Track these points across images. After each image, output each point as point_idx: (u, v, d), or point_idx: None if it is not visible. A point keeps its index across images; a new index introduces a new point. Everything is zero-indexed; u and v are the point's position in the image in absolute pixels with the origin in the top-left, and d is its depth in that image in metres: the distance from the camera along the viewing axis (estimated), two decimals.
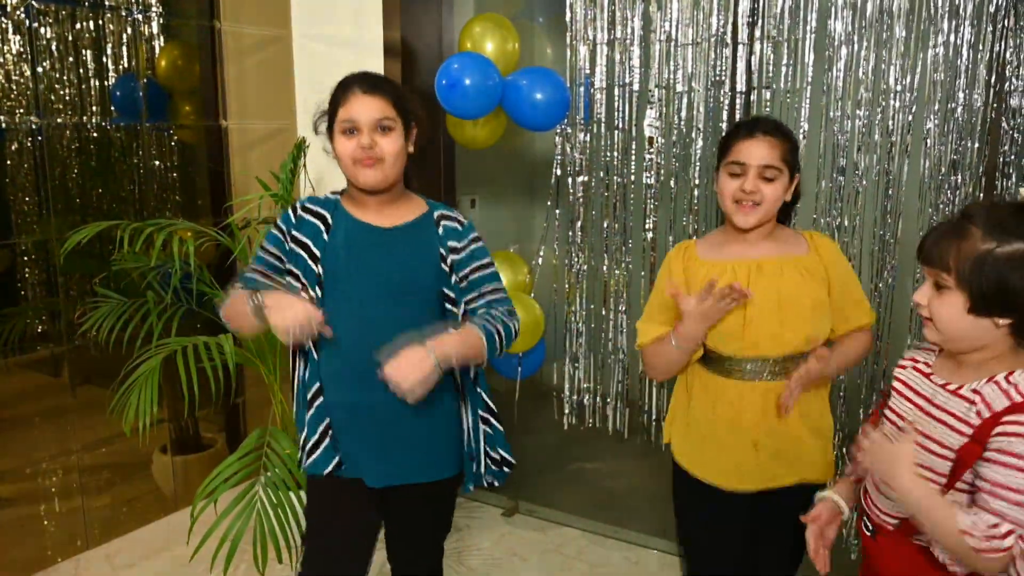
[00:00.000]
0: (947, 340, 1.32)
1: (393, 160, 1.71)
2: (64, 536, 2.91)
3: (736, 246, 1.76)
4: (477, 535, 3.12)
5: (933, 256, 1.30)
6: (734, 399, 1.74)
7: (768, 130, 1.68)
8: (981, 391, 1.28)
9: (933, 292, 1.31)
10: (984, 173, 2.33)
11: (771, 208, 1.69)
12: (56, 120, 3.05)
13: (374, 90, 1.70)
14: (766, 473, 1.75)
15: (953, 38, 2.30)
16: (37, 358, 2.98)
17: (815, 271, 1.71)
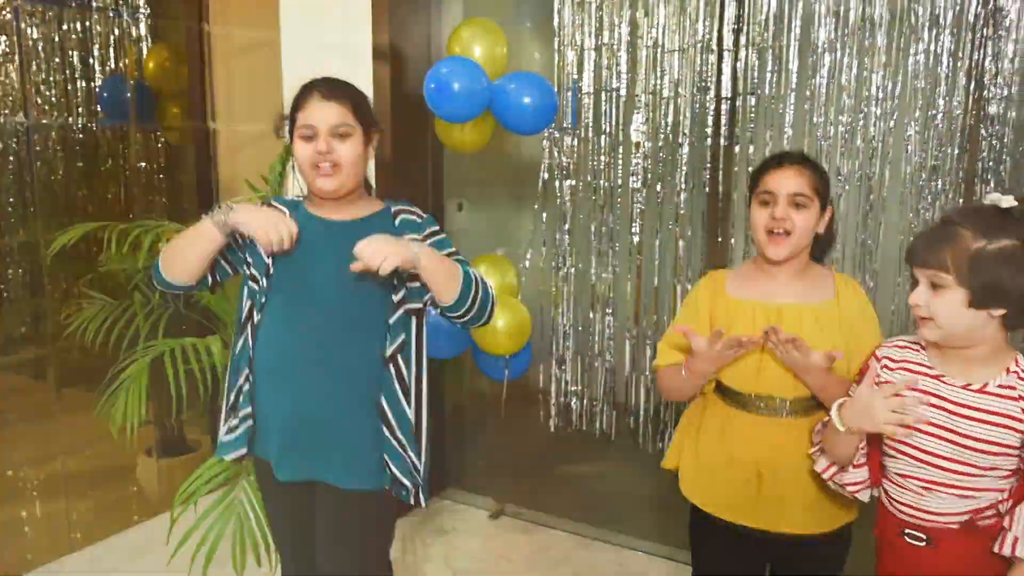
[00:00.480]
0: (948, 336, 1.41)
1: (350, 167, 1.72)
2: (47, 539, 2.89)
3: (764, 282, 1.75)
4: (463, 537, 3.13)
5: (930, 258, 1.39)
6: (743, 429, 1.73)
7: (796, 160, 1.70)
8: (1011, 385, 1.40)
9: (930, 292, 1.40)
10: (963, 178, 2.37)
11: (801, 239, 1.69)
12: (42, 121, 3.04)
13: (333, 96, 1.71)
14: (769, 511, 1.73)
15: (933, 46, 2.34)
16: (21, 360, 2.97)
17: (831, 320, 1.68)
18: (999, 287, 1.35)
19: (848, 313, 1.70)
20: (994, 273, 1.34)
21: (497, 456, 3.73)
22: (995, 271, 1.34)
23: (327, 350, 1.72)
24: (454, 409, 3.70)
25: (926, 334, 1.44)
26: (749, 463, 1.73)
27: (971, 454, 1.41)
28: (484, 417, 3.80)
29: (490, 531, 3.19)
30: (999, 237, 1.34)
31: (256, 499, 2.43)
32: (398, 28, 3.00)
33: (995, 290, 1.35)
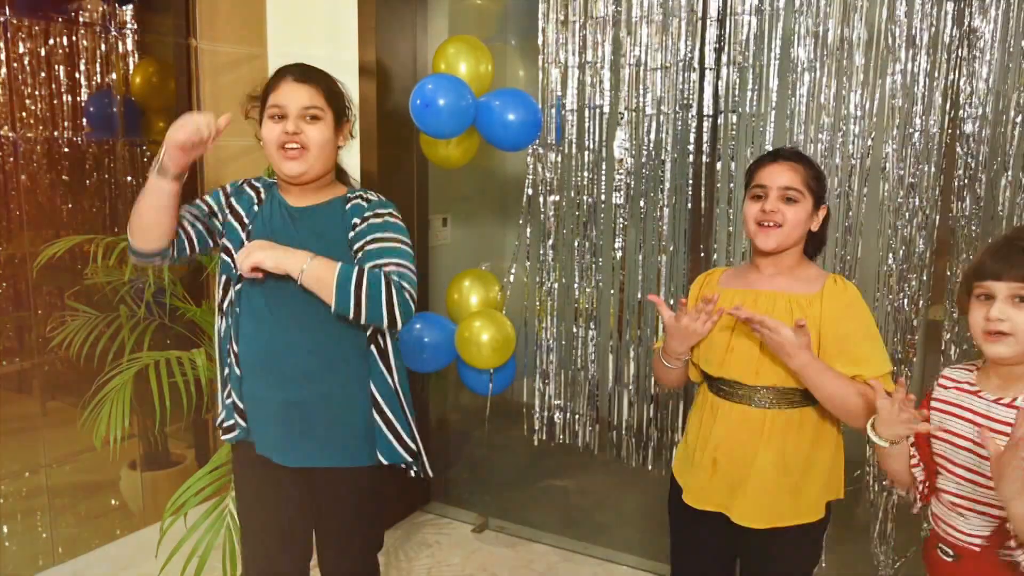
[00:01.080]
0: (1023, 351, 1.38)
1: (318, 150, 1.72)
2: (30, 552, 2.87)
3: (753, 277, 1.79)
4: (447, 551, 3.13)
5: (1005, 271, 1.36)
6: (714, 413, 1.78)
7: (789, 156, 1.74)
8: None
9: (1013, 306, 1.37)
10: (940, 196, 2.42)
11: (792, 232, 1.71)
12: (28, 134, 3.04)
13: (305, 79, 1.73)
14: (719, 496, 1.76)
15: (910, 66, 2.39)
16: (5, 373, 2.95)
17: (808, 311, 1.69)
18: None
19: (831, 308, 1.69)
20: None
21: (481, 470, 3.74)
22: None
23: (305, 336, 1.73)
24: (438, 423, 3.70)
25: (1001, 351, 1.39)
26: (709, 447, 1.77)
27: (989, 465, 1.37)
28: (468, 431, 3.82)
29: (474, 545, 3.19)
30: None
31: None
32: (384, 45, 3.03)
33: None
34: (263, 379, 1.77)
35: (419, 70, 3.18)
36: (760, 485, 1.71)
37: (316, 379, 1.75)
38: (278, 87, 1.73)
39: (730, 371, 1.74)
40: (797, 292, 1.73)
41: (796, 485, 1.72)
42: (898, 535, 2.60)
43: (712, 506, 1.78)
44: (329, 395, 1.76)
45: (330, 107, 1.75)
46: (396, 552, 3.09)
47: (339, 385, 1.77)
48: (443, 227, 3.82)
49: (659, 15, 2.69)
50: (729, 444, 1.74)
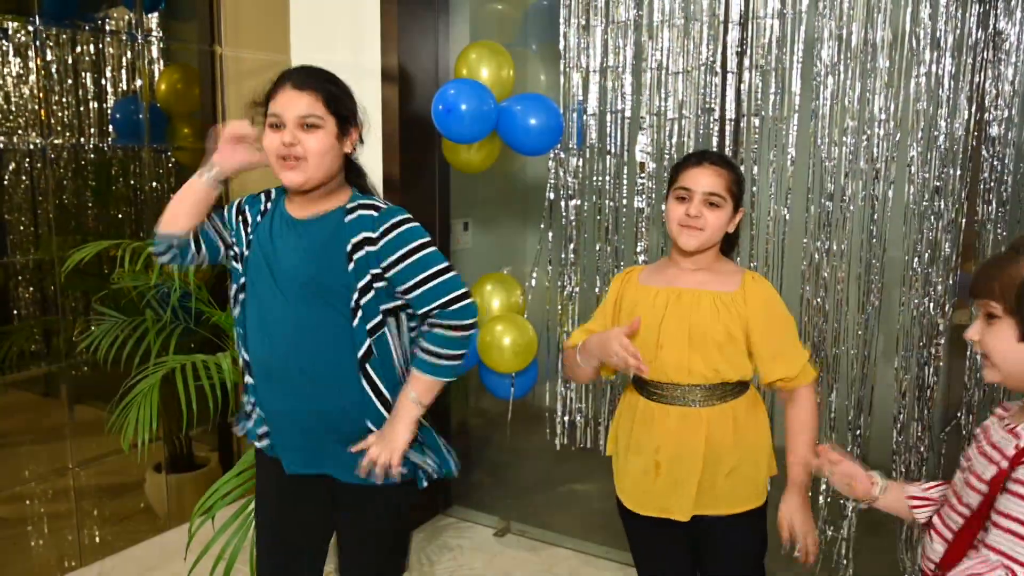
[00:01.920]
0: (1006, 376, 1.27)
1: (317, 160, 1.65)
2: (56, 554, 2.91)
3: (672, 273, 1.83)
4: (469, 555, 3.14)
5: (982, 286, 1.26)
6: (648, 418, 1.79)
7: (715, 161, 1.77)
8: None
9: (984, 326, 1.27)
10: (966, 199, 2.40)
11: (713, 235, 1.75)
12: (56, 141, 3.09)
13: (304, 86, 1.65)
14: (662, 499, 1.78)
15: (935, 69, 2.38)
16: (32, 377, 3.00)
17: (732, 309, 1.73)
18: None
19: (753, 305, 1.74)
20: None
21: (503, 474, 3.75)
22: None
23: (295, 351, 1.69)
24: (460, 427, 3.72)
25: (986, 375, 1.29)
26: (649, 451, 1.78)
27: (969, 491, 1.30)
28: (490, 435, 3.83)
29: (496, 548, 3.19)
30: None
31: None
32: (407, 50, 3.05)
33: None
34: (273, 387, 1.75)
35: (441, 75, 3.19)
36: (707, 480, 1.75)
37: (327, 391, 1.72)
38: (277, 95, 1.66)
39: (664, 372, 1.75)
40: (718, 289, 1.76)
41: (738, 473, 1.77)
42: None
43: (654, 511, 1.79)
44: (342, 409, 1.73)
45: (331, 114, 1.66)
46: (418, 555, 3.10)
47: (333, 400, 1.73)
48: (464, 231, 3.83)
49: (680, 19, 2.69)
50: (672, 446, 1.76)
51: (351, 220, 1.68)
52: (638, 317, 1.75)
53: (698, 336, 1.73)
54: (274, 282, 1.70)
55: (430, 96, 2.80)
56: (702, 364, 1.73)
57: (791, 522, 1.75)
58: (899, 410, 2.56)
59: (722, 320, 1.73)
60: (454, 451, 1.92)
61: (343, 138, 1.70)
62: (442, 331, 1.69)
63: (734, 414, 1.77)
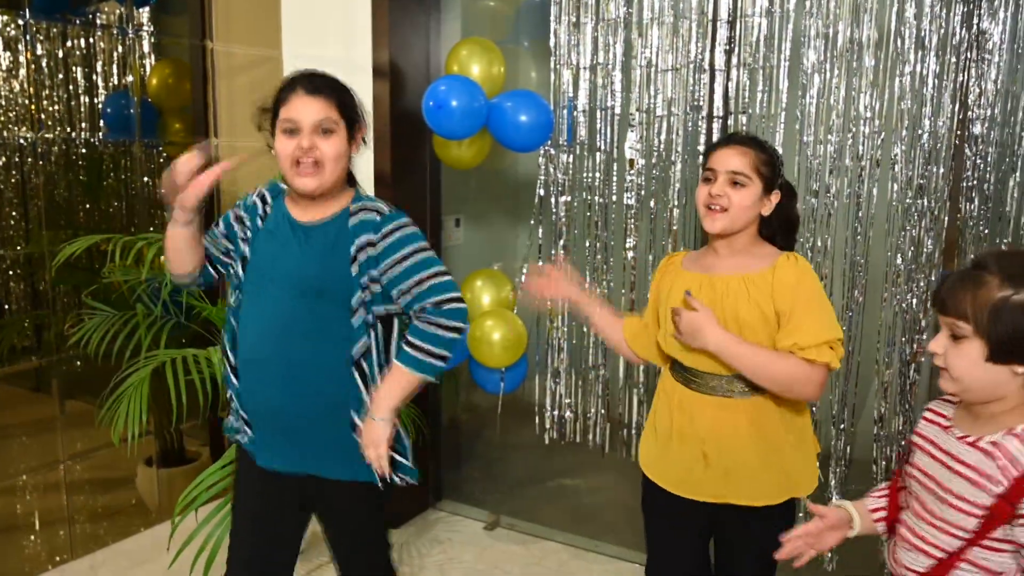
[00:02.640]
0: (964, 390, 1.31)
1: (333, 164, 1.70)
2: (48, 548, 2.92)
3: (710, 260, 1.83)
4: (459, 548, 3.16)
5: (949, 305, 1.28)
6: (688, 407, 1.80)
7: (742, 141, 1.76)
8: (1002, 444, 1.27)
9: (949, 342, 1.29)
10: (949, 197, 2.43)
11: (738, 216, 1.73)
12: (46, 136, 3.09)
13: (317, 92, 1.69)
14: (714, 487, 1.78)
15: (919, 68, 2.41)
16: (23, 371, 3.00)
17: (762, 287, 1.72)
18: (1022, 341, 1.23)
19: (781, 278, 1.70)
20: (1016, 325, 1.22)
21: (494, 468, 3.77)
22: (1018, 324, 1.22)
23: (293, 351, 1.72)
24: (451, 422, 3.73)
25: (943, 385, 1.33)
26: (694, 441, 1.78)
27: (945, 508, 1.33)
28: (481, 430, 3.85)
29: (485, 542, 3.22)
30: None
31: None
32: (398, 46, 3.06)
33: (1017, 345, 1.23)
34: (264, 386, 1.76)
35: (432, 72, 3.21)
36: (752, 469, 1.75)
37: (320, 388, 1.74)
38: (289, 100, 1.70)
39: (702, 361, 1.75)
40: (751, 272, 1.75)
41: (786, 460, 1.77)
42: None
43: (710, 497, 1.80)
44: (309, 407, 1.75)
45: (343, 118, 1.72)
46: (408, 548, 3.13)
47: (319, 399, 1.75)
48: (456, 228, 3.85)
49: (670, 17, 2.71)
50: (716, 437, 1.76)
51: (354, 223, 1.72)
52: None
53: (731, 321, 1.72)
54: (274, 283, 1.74)
55: (421, 92, 2.81)
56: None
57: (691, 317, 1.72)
58: (882, 405, 2.59)
59: (753, 300, 1.71)
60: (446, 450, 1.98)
61: (351, 142, 1.75)
62: (431, 328, 1.72)
63: (776, 401, 1.75)
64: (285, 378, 1.73)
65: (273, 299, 1.73)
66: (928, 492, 1.37)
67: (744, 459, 1.75)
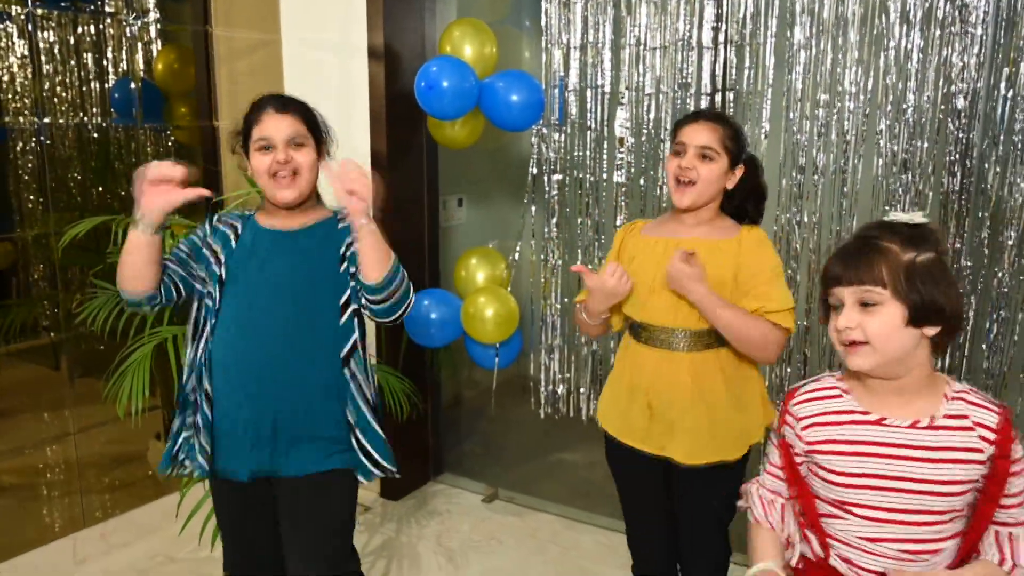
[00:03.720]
0: (882, 362, 1.29)
1: (308, 173, 1.83)
2: (62, 517, 3.05)
3: (673, 226, 1.93)
4: (457, 519, 3.24)
5: (861, 274, 1.27)
6: (637, 360, 1.91)
7: (710, 117, 1.86)
8: (962, 414, 1.29)
9: (860, 313, 1.28)
10: (932, 171, 2.44)
11: (705, 189, 1.83)
12: (58, 121, 3.19)
13: (286, 109, 1.82)
14: (659, 439, 1.88)
15: (904, 43, 2.41)
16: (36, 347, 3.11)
17: (727, 253, 1.83)
18: (935, 301, 1.25)
19: (751, 250, 1.83)
20: (929, 286, 1.25)
21: (493, 443, 3.84)
22: (930, 284, 1.25)
23: (283, 355, 1.78)
24: (453, 398, 3.81)
25: (859, 363, 1.30)
26: (641, 392, 1.88)
27: (932, 499, 1.30)
28: (481, 406, 3.92)
29: (483, 513, 3.30)
30: (923, 249, 1.27)
31: None
32: (393, 28, 3.11)
33: (932, 305, 1.25)
34: (249, 397, 1.79)
35: (428, 53, 3.25)
36: (693, 425, 1.84)
37: (286, 396, 1.79)
38: (261, 120, 1.81)
39: (652, 315, 1.87)
40: (715, 239, 1.85)
41: (724, 421, 1.85)
42: None
43: (654, 449, 1.89)
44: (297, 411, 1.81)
45: (311, 134, 1.84)
46: (408, 519, 3.21)
47: (308, 402, 1.81)
48: (459, 207, 3.91)
49: None
50: (658, 388, 1.86)
51: (344, 226, 1.84)
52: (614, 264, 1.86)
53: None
54: (263, 294, 1.80)
55: (416, 73, 2.86)
56: (688, 310, 1.82)
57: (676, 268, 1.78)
58: None
59: (713, 264, 1.81)
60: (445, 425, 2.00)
61: (319, 156, 1.87)
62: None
63: (720, 363, 1.85)
64: (282, 387, 1.79)
65: (263, 306, 1.80)
66: (893, 492, 1.32)
67: (684, 413, 1.84)
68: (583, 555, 2.97)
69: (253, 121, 1.82)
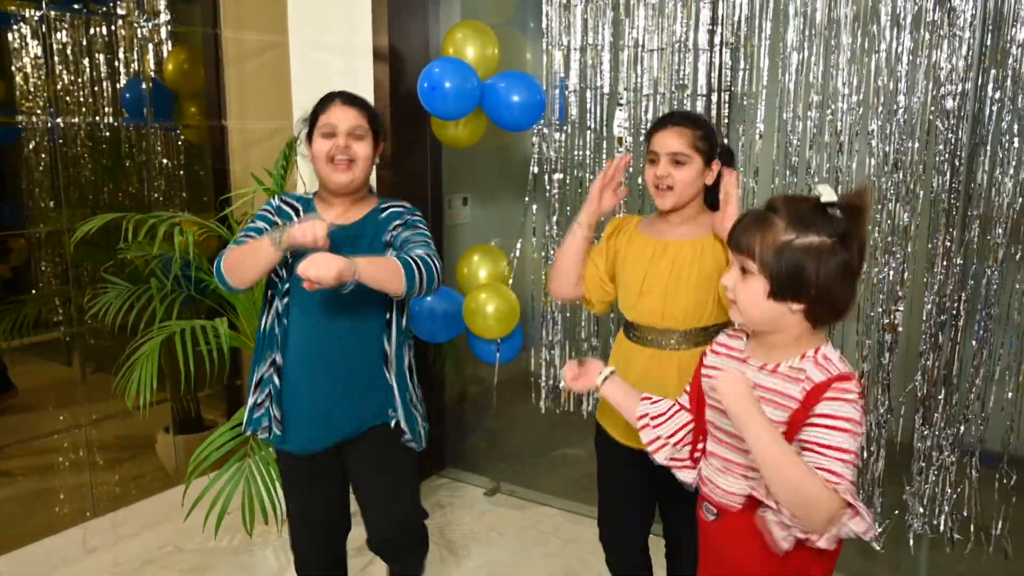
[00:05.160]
0: (750, 321, 1.44)
1: (363, 163, 1.98)
2: (73, 506, 3.13)
3: (661, 227, 1.99)
4: (459, 512, 3.31)
5: (740, 242, 1.39)
6: (630, 357, 1.98)
7: (678, 121, 1.90)
8: (802, 368, 1.38)
9: (739, 276, 1.41)
10: (923, 171, 2.49)
11: (684, 191, 1.90)
12: (72, 120, 3.27)
13: (352, 103, 1.98)
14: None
15: (895, 45, 2.46)
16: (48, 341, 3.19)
17: (710, 251, 1.90)
18: (799, 281, 1.33)
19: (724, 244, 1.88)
20: (795, 267, 1.32)
21: (497, 438, 3.90)
22: (797, 265, 1.32)
23: (337, 342, 1.95)
24: (458, 394, 3.87)
25: (731, 316, 1.49)
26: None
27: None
28: (485, 402, 3.98)
29: (485, 507, 3.36)
30: (809, 232, 1.33)
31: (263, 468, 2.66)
32: (397, 30, 3.17)
33: (795, 284, 1.33)
34: (312, 370, 1.97)
35: (432, 55, 3.32)
36: None
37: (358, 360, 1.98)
38: (328, 108, 1.97)
39: (640, 316, 1.95)
40: (699, 237, 1.92)
41: None
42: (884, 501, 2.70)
43: (638, 443, 1.91)
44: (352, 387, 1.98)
45: (371, 128, 1.99)
46: None
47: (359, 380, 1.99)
48: (463, 206, 3.97)
49: None
50: (645, 385, 1.89)
51: (386, 215, 2.01)
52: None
53: (674, 282, 1.90)
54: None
55: (419, 75, 2.92)
56: (675, 309, 1.90)
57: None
58: (859, 374, 2.66)
59: (698, 263, 1.89)
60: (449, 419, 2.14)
61: (375, 150, 2.02)
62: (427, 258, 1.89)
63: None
64: (334, 352, 1.95)
65: (318, 301, 1.94)
66: (723, 415, 1.47)
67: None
68: (584, 547, 3.02)
69: (321, 110, 1.98)
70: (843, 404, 1.33)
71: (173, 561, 2.91)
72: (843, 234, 1.33)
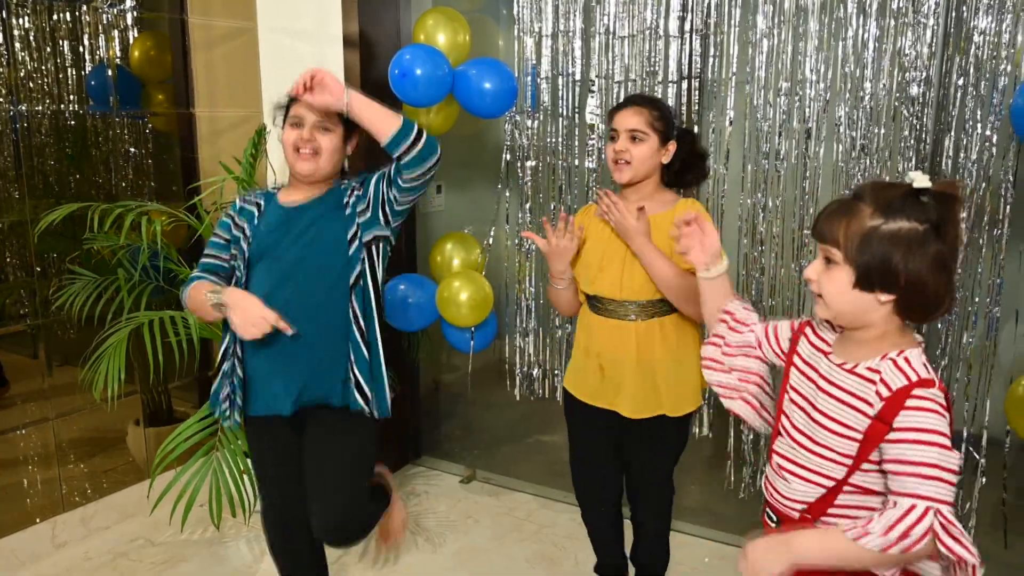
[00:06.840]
0: (835, 315, 1.36)
1: (328, 155, 2.02)
2: (43, 500, 3.08)
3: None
4: (434, 500, 3.31)
5: (824, 231, 1.32)
6: (594, 328, 2.12)
7: (637, 102, 2.05)
8: (878, 369, 1.32)
9: (823, 267, 1.34)
10: (889, 157, 2.52)
11: (641, 167, 2.03)
12: (34, 108, 3.20)
13: None
14: (608, 396, 2.10)
15: (861, 32, 2.49)
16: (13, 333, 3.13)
17: (664, 226, 1.99)
18: (887, 270, 1.26)
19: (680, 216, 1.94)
20: (883, 254, 1.25)
21: (472, 426, 3.91)
22: (884, 252, 1.25)
23: (303, 313, 1.97)
24: (432, 382, 3.87)
25: (817, 311, 1.39)
26: (594, 356, 2.10)
27: (818, 430, 1.39)
28: (460, 390, 3.99)
29: (461, 494, 3.37)
30: (898, 218, 1.25)
31: (231, 461, 2.64)
32: (368, 17, 3.15)
33: (882, 272, 1.27)
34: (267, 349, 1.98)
35: (403, 41, 3.29)
36: (637, 384, 2.06)
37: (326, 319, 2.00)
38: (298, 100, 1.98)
39: (601, 288, 2.08)
40: (656, 213, 2.04)
41: (667, 381, 2.06)
42: None
43: (605, 404, 2.12)
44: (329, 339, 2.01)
45: (340, 122, 2.02)
46: None
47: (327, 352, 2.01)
48: (438, 194, 3.95)
49: None
50: (608, 352, 2.09)
51: (343, 186, 2.07)
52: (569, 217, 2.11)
53: (631, 256, 2.03)
54: (279, 265, 1.99)
55: (390, 62, 2.90)
56: (633, 282, 2.03)
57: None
58: None
59: (655, 238, 2.01)
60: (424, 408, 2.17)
61: (346, 143, 2.07)
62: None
63: (662, 329, 2.05)
64: (305, 312, 1.97)
65: (281, 278, 1.98)
66: (801, 412, 1.44)
67: (629, 373, 2.05)
68: (558, 533, 3.04)
69: (293, 99, 2.01)
70: (927, 415, 1.26)
71: (145, 554, 2.89)
72: (935, 222, 1.25)
